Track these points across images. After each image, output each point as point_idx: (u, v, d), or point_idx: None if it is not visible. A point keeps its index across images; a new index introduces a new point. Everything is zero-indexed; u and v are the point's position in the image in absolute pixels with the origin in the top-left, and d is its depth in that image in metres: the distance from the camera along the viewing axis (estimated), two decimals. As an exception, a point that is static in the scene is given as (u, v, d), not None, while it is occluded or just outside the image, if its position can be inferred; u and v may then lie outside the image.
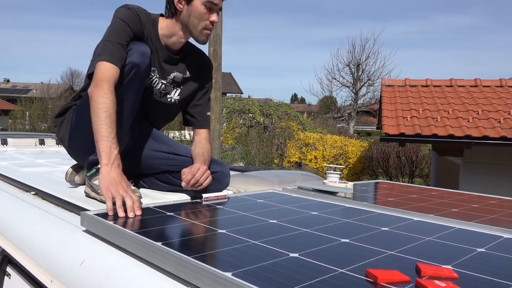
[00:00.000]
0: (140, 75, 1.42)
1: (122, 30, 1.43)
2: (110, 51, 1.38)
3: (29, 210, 1.37)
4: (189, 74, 1.68)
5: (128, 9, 1.48)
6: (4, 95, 37.68)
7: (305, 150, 9.64)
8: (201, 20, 1.53)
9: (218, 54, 5.32)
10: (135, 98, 1.46)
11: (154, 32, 1.56)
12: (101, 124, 1.30)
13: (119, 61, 1.38)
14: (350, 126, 21.58)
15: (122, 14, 1.46)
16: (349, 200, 1.42)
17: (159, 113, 1.68)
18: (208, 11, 1.53)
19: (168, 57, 1.60)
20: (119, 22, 1.44)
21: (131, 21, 1.46)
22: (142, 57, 1.41)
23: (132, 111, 1.48)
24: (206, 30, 1.55)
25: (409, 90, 6.95)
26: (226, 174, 1.61)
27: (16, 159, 2.57)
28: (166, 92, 1.64)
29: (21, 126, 17.66)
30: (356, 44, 22.78)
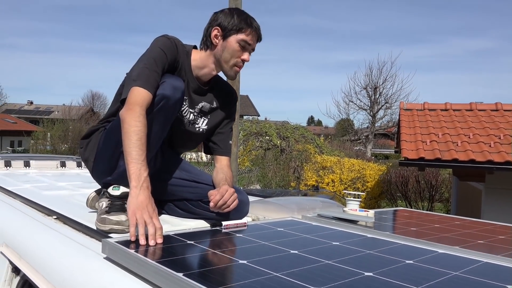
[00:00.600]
0: (169, 107, 1.44)
1: (159, 58, 1.48)
2: (145, 77, 1.42)
3: (50, 235, 1.38)
4: (216, 105, 1.74)
5: (168, 39, 1.55)
6: (27, 116, 38.72)
7: (322, 173, 9.56)
8: (233, 57, 1.59)
9: (236, 78, 5.38)
10: (160, 129, 1.46)
11: (188, 63, 1.62)
12: (132, 147, 1.32)
13: (153, 88, 1.41)
14: (367, 149, 21.38)
15: (161, 43, 1.52)
16: (371, 229, 1.39)
17: (185, 141, 1.72)
18: (241, 49, 1.59)
19: (198, 88, 1.66)
20: (158, 50, 1.50)
21: (168, 51, 1.51)
22: (173, 90, 1.43)
23: (157, 141, 1.48)
24: (236, 67, 1.61)
25: (428, 114, 6.88)
26: (245, 203, 1.60)
27: (38, 181, 2.62)
28: (194, 121, 1.69)
29: (42, 147, 18.05)
30: (373, 67, 22.74)
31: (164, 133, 1.50)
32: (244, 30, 1.59)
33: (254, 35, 1.61)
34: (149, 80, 1.41)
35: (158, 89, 1.43)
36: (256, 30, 1.62)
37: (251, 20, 1.62)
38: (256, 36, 1.63)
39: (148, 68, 1.44)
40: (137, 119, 1.34)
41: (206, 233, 1.25)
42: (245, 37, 1.59)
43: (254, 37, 1.62)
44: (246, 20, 1.60)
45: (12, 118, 33.41)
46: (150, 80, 1.41)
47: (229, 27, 1.59)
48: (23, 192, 2.08)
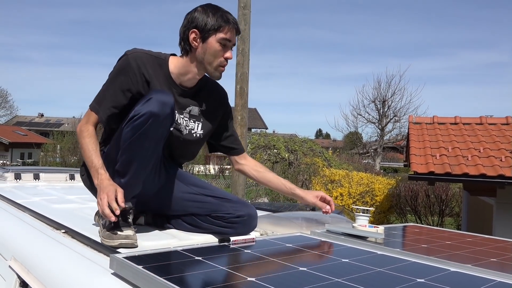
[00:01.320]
0: (159, 124, 1.40)
1: (117, 81, 1.53)
2: (98, 97, 1.55)
3: (58, 249, 1.38)
4: (205, 107, 1.69)
5: (124, 60, 1.54)
6: (37, 128, 39.15)
7: (330, 187, 9.50)
8: (216, 57, 1.55)
9: (245, 91, 5.41)
10: (153, 146, 1.44)
11: (163, 72, 1.58)
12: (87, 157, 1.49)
13: (105, 108, 1.53)
14: (376, 163, 21.25)
15: (117, 66, 1.54)
16: (381, 246, 1.37)
17: (183, 150, 1.69)
18: (223, 48, 1.55)
19: (183, 92, 1.63)
20: (114, 76, 1.54)
21: (127, 71, 1.52)
22: (162, 106, 1.39)
23: (154, 158, 1.47)
24: (221, 67, 1.58)
25: (437, 128, 6.83)
26: (253, 217, 1.58)
27: (47, 194, 2.63)
28: (190, 128, 1.66)
29: (52, 159, 18.20)
30: (381, 80, 22.78)
31: (158, 149, 1.49)
32: (222, 28, 1.54)
33: (232, 31, 1.57)
34: (104, 105, 1.53)
35: (144, 106, 1.40)
36: (233, 25, 1.57)
37: (227, 15, 1.57)
38: (234, 31, 1.58)
39: (108, 91, 1.54)
40: (88, 139, 1.52)
41: (214, 249, 1.24)
42: (225, 35, 1.54)
43: (233, 33, 1.57)
44: (223, 17, 1.54)
45: (22, 131, 33.80)
46: (106, 103, 1.53)
47: (207, 28, 1.53)
48: (32, 205, 2.09)
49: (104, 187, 1.38)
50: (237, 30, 1.59)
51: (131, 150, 1.42)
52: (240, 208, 1.56)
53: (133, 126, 1.40)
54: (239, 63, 5.41)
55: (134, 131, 1.40)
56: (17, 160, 28.84)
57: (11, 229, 1.75)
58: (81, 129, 1.56)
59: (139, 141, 1.40)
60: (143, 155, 1.43)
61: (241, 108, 5.43)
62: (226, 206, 1.56)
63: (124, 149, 1.43)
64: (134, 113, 1.41)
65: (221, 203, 1.56)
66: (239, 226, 1.55)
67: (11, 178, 3.21)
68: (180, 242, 1.51)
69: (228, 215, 1.54)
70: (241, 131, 5.42)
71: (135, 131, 1.39)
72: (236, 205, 1.57)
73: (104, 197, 1.34)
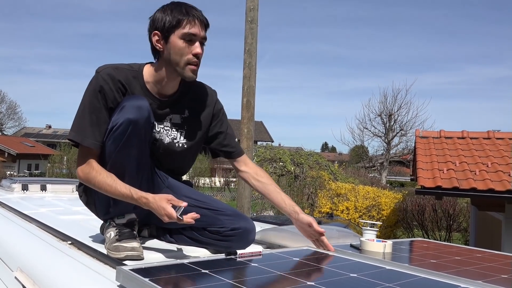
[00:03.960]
0: (140, 129, 1.36)
1: (94, 99, 1.43)
2: (80, 127, 1.42)
3: (64, 261, 1.38)
4: (188, 113, 1.58)
5: (96, 78, 1.45)
6: (45, 140, 39.48)
7: (336, 200, 9.45)
8: (183, 56, 1.43)
9: (252, 105, 5.43)
10: (139, 153, 1.41)
11: (138, 83, 1.49)
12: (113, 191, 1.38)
13: (95, 138, 1.41)
14: (382, 176, 21.16)
15: (91, 84, 1.44)
16: (389, 261, 1.36)
17: (170, 162, 1.61)
18: (189, 44, 1.43)
19: (160, 102, 1.53)
20: (90, 93, 1.44)
21: (100, 91, 1.43)
22: (137, 110, 1.35)
23: (138, 167, 1.43)
24: (190, 65, 1.45)
25: (444, 142, 6.80)
26: (249, 231, 1.54)
27: (53, 205, 2.64)
28: (172, 137, 1.57)
29: (58, 170, 18.30)
30: (387, 94, 22.75)
31: (146, 153, 1.46)
32: (181, 22, 1.41)
33: (195, 23, 1.43)
34: (87, 131, 1.41)
35: (120, 114, 1.36)
36: (195, 17, 1.43)
37: (188, 8, 1.44)
38: (199, 23, 1.44)
39: (86, 116, 1.42)
40: (100, 178, 1.40)
41: (221, 262, 1.23)
42: (186, 30, 1.41)
43: (197, 25, 1.43)
44: (181, 11, 1.42)
45: (30, 142, 34.09)
46: (92, 132, 1.41)
47: (166, 26, 1.42)
48: (39, 216, 2.10)
49: (157, 211, 1.32)
50: (203, 22, 1.45)
51: (119, 162, 1.40)
52: (235, 221, 1.52)
53: (114, 138, 1.37)
54: (246, 77, 5.44)
55: (117, 142, 1.36)
56: (24, 171, 29.03)
57: (17, 240, 1.75)
58: (84, 172, 1.43)
59: (124, 151, 1.38)
60: (132, 164, 1.41)
61: (247, 121, 5.45)
62: (221, 219, 1.51)
63: (112, 163, 1.40)
64: (112, 124, 1.37)
65: (215, 216, 1.52)
66: (235, 240, 1.51)
67: (18, 189, 3.23)
68: (187, 255, 1.51)
69: (223, 228, 1.50)
70: (248, 144, 5.43)
71: (117, 142, 1.36)
72: (231, 218, 1.52)
73: (165, 218, 1.31)
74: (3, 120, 45.30)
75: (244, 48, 5.50)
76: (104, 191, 1.40)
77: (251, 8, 5.50)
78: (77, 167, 1.46)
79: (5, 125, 45.27)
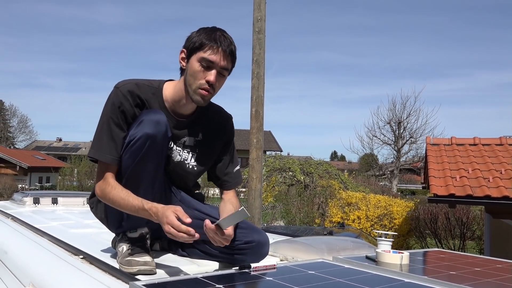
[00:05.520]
0: (158, 144, 1.37)
1: (114, 114, 1.41)
2: (101, 144, 1.42)
3: (76, 276, 1.36)
4: (202, 137, 1.58)
5: (115, 93, 1.44)
6: (56, 153, 39.86)
7: (347, 209, 9.36)
8: (196, 79, 1.42)
9: (260, 115, 5.42)
10: (154, 168, 1.41)
11: (158, 99, 1.49)
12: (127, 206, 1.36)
13: (112, 150, 1.41)
14: (393, 185, 20.97)
15: (109, 101, 1.44)
16: (407, 273, 1.32)
17: (181, 180, 1.61)
18: (204, 70, 1.41)
19: (177, 122, 1.52)
20: (110, 108, 1.43)
21: (122, 101, 1.42)
22: (155, 125, 1.35)
23: (153, 180, 1.44)
24: (200, 90, 1.42)
25: (456, 149, 6.72)
26: (263, 244, 1.50)
27: (65, 219, 2.64)
28: (184, 158, 1.57)
29: (69, 183, 18.42)
30: (396, 102, 22.65)
31: (161, 167, 1.46)
32: (204, 46, 1.40)
33: (218, 51, 1.40)
34: (105, 147, 1.41)
35: (138, 128, 1.36)
36: (220, 45, 1.40)
37: (218, 36, 1.41)
38: (221, 52, 1.40)
39: (105, 132, 1.42)
40: (115, 192, 1.39)
41: (235, 276, 1.21)
42: (205, 55, 1.39)
43: (219, 54, 1.40)
44: (210, 35, 1.40)
45: (41, 155, 34.42)
46: (109, 148, 1.41)
47: (191, 46, 1.42)
48: (50, 230, 2.09)
49: (161, 219, 1.28)
50: (225, 51, 1.41)
51: (135, 175, 1.40)
52: (248, 234, 1.49)
53: (131, 152, 1.37)
54: (254, 87, 5.44)
55: (134, 157, 1.36)
56: (35, 184, 29.27)
57: (29, 255, 1.74)
58: (100, 189, 1.43)
59: (141, 165, 1.38)
60: (147, 178, 1.41)
61: (256, 131, 5.43)
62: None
63: (128, 177, 1.40)
64: (130, 138, 1.37)
65: None
66: (248, 253, 1.48)
67: (30, 202, 3.24)
68: (199, 269, 1.49)
69: (236, 241, 1.47)
70: (257, 154, 5.41)
71: (135, 156, 1.36)
72: (244, 231, 1.50)
73: (169, 229, 1.25)
74: (15, 133, 45.92)
75: (252, 58, 5.51)
76: (118, 205, 1.39)
77: (258, 19, 5.52)
78: (95, 184, 1.46)
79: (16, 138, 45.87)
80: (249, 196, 5.58)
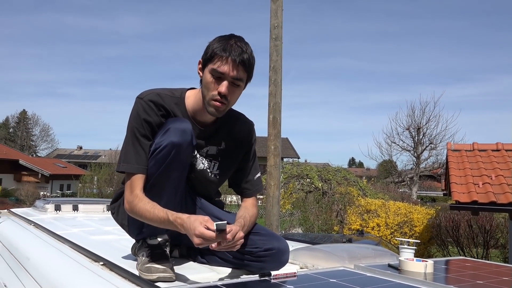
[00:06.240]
0: (182, 153, 1.37)
1: (140, 126, 1.42)
2: (131, 156, 1.41)
3: (97, 283, 1.37)
4: (224, 146, 1.59)
5: (139, 104, 1.44)
6: (76, 161, 40.60)
7: (366, 217, 9.23)
8: (209, 90, 1.42)
9: (278, 121, 5.40)
10: (178, 176, 1.42)
11: (181, 109, 1.50)
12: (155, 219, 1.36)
13: (141, 162, 1.41)
14: (412, 191, 20.62)
15: (133, 112, 1.45)
16: (431, 282, 1.28)
17: (203, 188, 1.62)
18: (216, 81, 1.41)
19: (200, 131, 1.53)
20: (136, 119, 1.43)
21: (148, 113, 1.43)
22: (181, 134, 1.36)
23: (176, 188, 1.44)
24: (213, 102, 1.42)
25: (478, 155, 6.57)
26: (283, 251, 1.49)
27: (85, 225, 2.66)
28: (206, 166, 1.58)
29: (89, 190, 18.70)
30: (415, 107, 22.32)
31: (184, 176, 1.46)
32: (214, 58, 1.40)
33: (227, 62, 1.38)
34: (132, 158, 1.41)
35: (164, 137, 1.36)
36: (230, 56, 1.38)
37: (230, 46, 1.40)
38: (231, 62, 1.38)
39: (131, 144, 1.42)
40: (141, 204, 1.38)
41: (255, 284, 1.20)
42: (215, 66, 1.39)
43: (228, 64, 1.39)
44: (222, 46, 1.40)
45: (62, 163, 35.09)
46: (136, 158, 1.41)
47: (205, 57, 1.43)
48: (71, 236, 2.11)
49: (189, 231, 1.26)
50: (234, 62, 1.39)
51: (159, 184, 1.40)
52: (268, 242, 1.48)
53: (156, 160, 1.37)
54: (271, 93, 5.44)
55: (159, 165, 1.37)
56: (57, 192, 29.83)
57: (51, 261, 1.76)
58: (128, 202, 1.43)
59: (165, 173, 1.38)
60: (171, 185, 1.42)
61: (274, 138, 5.42)
62: (253, 239, 1.48)
63: (152, 184, 1.41)
64: (156, 146, 1.38)
65: (248, 237, 1.48)
66: (268, 260, 1.47)
67: (51, 209, 3.29)
68: (219, 276, 1.47)
69: (256, 249, 1.46)
70: (275, 161, 5.39)
71: (160, 164, 1.37)
72: (264, 238, 1.49)
73: (200, 241, 1.23)
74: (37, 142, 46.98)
75: (269, 65, 5.51)
76: (144, 218, 1.39)
77: (275, 26, 5.53)
78: (124, 199, 1.46)
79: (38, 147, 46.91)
80: (267, 203, 5.55)
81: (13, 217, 3.06)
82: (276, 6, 5.50)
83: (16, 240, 2.25)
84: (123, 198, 1.51)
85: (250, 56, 1.44)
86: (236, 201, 14.98)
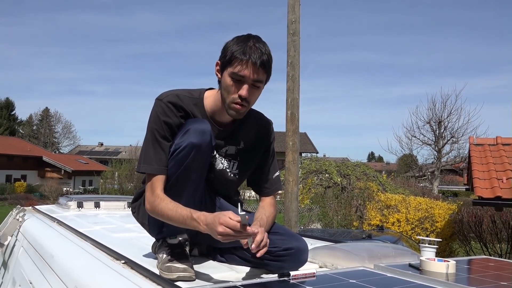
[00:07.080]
0: (202, 154, 1.39)
1: (160, 127, 1.43)
2: (151, 157, 1.43)
3: (119, 281, 1.39)
4: (243, 145, 1.59)
5: (159, 105, 1.45)
6: (97, 157, 41.34)
7: (386, 212, 9.13)
8: (229, 93, 1.42)
9: (296, 117, 5.38)
10: (198, 176, 1.43)
11: (200, 110, 1.51)
12: (176, 218, 1.37)
13: (161, 164, 1.42)
14: (434, 186, 20.31)
15: (153, 114, 1.46)
16: (454, 283, 1.26)
17: (223, 187, 1.63)
18: (236, 84, 1.41)
19: (218, 132, 1.53)
20: (156, 121, 1.44)
21: (168, 115, 1.44)
22: (201, 135, 1.37)
23: (196, 188, 1.45)
24: (234, 105, 1.43)
25: (502, 149, 6.42)
26: (302, 251, 1.49)
27: (107, 223, 2.71)
28: (225, 166, 1.58)
29: (110, 186, 19.03)
30: (436, 100, 21.88)
31: (204, 176, 1.47)
32: (234, 61, 1.39)
33: (247, 66, 1.38)
34: (152, 159, 1.43)
35: (183, 138, 1.37)
36: (250, 59, 1.37)
37: (249, 48, 1.39)
38: (251, 65, 1.38)
39: (151, 146, 1.43)
40: (163, 204, 1.40)
41: (274, 284, 1.20)
42: (235, 70, 1.39)
43: (249, 68, 1.38)
44: (242, 49, 1.38)
45: (84, 159, 35.80)
46: (157, 159, 1.43)
47: (224, 60, 1.43)
48: (93, 234, 2.15)
49: (212, 223, 1.26)
50: (254, 64, 1.38)
51: (179, 184, 1.42)
52: (287, 241, 1.48)
53: (176, 161, 1.39)
54: (289, 89, 5.41)
55: (179, 165, 1.38)
56: (79, 187, 30.44)
57: (74, 259, 1.79)
58: (149, 202, 1.44)
59: (185, 174, 1.40)
60: (190, 186, 1.43)
61: (292, 134, 5.40)
62: (273, 239, 1.47)
63: (172, 185, 1.43)
64: (175, 147, 1.39)
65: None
66: (287, 260, 1.47)
67: (74, 206, 3.36)
68: (238, 275, 1.48)
69: (275, 248, 1.46)
70: (293, 157, 5.38)
71: (179, 165, 1.38)
72: (283, 238, 1.50)
73: (223, 229, 1.23)
74: (59, 139, 47.97)
75: (287, 60, 5.48)
76: (166, 217, 1.40)
77: (293, 21, 5.49)
78: (145, 199, 1.48)
79: (61, 144, 47.90)
80: (285, 199, 5.55)
81: (37, 214, 3.14)
82: (294, 1, 5.46)
83: (41, 237, 2.30)
84: (143, 198, 1.53)
85: (269, 56, 1.44)
86: (254, 196, 15.01)
